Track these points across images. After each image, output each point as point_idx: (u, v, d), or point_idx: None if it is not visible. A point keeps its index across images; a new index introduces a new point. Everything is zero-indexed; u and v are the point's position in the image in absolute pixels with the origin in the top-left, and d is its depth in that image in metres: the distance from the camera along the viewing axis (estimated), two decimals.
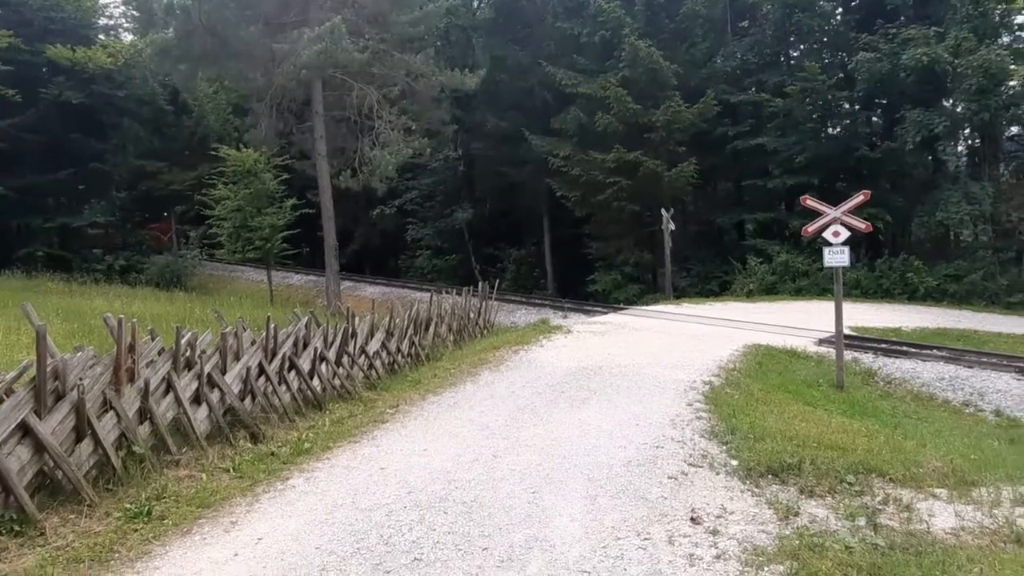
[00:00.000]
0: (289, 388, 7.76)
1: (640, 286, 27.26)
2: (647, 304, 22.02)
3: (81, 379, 5.16)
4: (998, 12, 22.65)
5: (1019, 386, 11.31)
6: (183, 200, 34.73)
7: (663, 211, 23.88)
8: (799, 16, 26.02)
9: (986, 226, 22.07)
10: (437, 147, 32.36)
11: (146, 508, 5.02)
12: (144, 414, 5.82)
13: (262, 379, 7.33)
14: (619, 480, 5.73)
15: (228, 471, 5.97)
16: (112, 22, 37.04)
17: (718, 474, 6.03)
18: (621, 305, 23.01)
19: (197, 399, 6.46)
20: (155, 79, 31.87)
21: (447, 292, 16.21)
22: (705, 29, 28.28)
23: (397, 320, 11.55)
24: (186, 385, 6.28)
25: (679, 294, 24.73)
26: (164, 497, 5.28)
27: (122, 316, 5.64)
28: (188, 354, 6.46)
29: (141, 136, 33.26)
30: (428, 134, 28.56)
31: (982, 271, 21.53)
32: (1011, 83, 23.41)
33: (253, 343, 7.44)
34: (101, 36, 32.72)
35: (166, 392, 6.15)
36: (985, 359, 12.72)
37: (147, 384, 5.73)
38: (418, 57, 24.58)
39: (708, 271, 27.71)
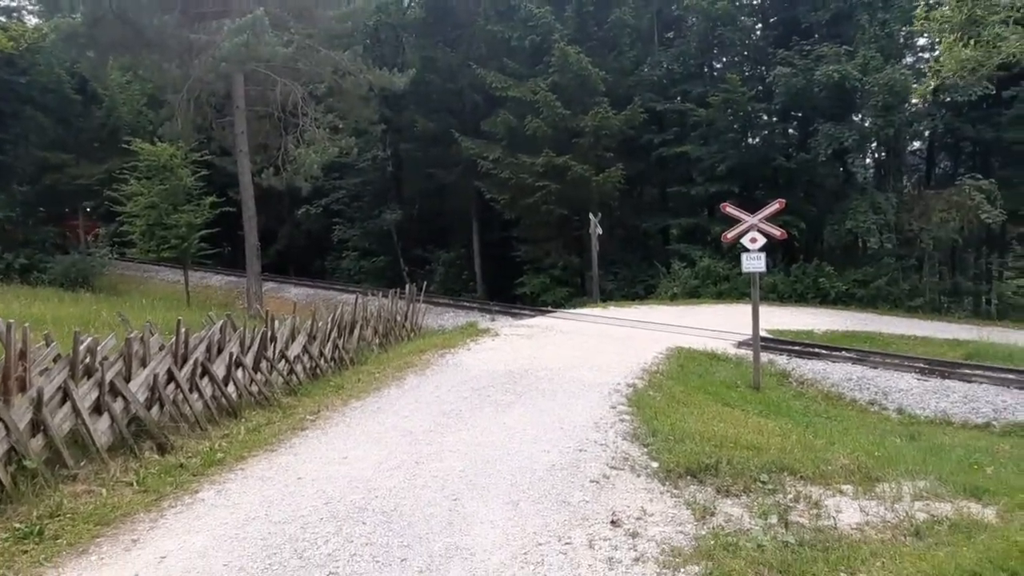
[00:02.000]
0: (202, 395, 7.40)
1: (568, 289, 27.55)
2: (575, 307, 22.25)
3: None
4: (902, 34, 24.11)
5: (919, 385, 11.99)
6: (92, 195, 32.81)
7: (591, 215, 24.21)
8: (721, 30, 26.93)
9: (891, 234, 23.39)
10: (365, 147, 31.85)
11: (38, 527, 4.67)
12: (37, 425, 5.41)
13: (171, 386, 6.95)
14: (542, 485, 5.73)
15: (131, 485, 5.64)
16: (14, 3, 34.65)
17: (639, 476, 6.11)
18: (549, 308, 23.17)
19: (98, 409, 6.06)
20: (61, 66, 30.02)
21: (373, 294, 15.91)
22: (633, 38, 28.88)
23: (320, 323, 11.22)
24: (85, 394, 5.88)
25: (606, 297, 25.12)
26: (59, 515, 4.94)
27: (12, 321, 5.23)
28: (88, 361, 6.06)
29: (45, 126, 31.20)
30: (356, 133, 28.05)
31: (887, 277, 22.78)
32: (913, 100, 24.96)
33: (162, 348, 7.05)
34: (1, 18, 30.61)
35: (63, 402, 5.74)
36: (889, 360, 13.43)
37: (40, 393, 5.34)
38: (346, 54, 24.07)
39: (634, 275, 28.27)
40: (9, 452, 5.13)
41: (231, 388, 7.98)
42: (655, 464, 6.39)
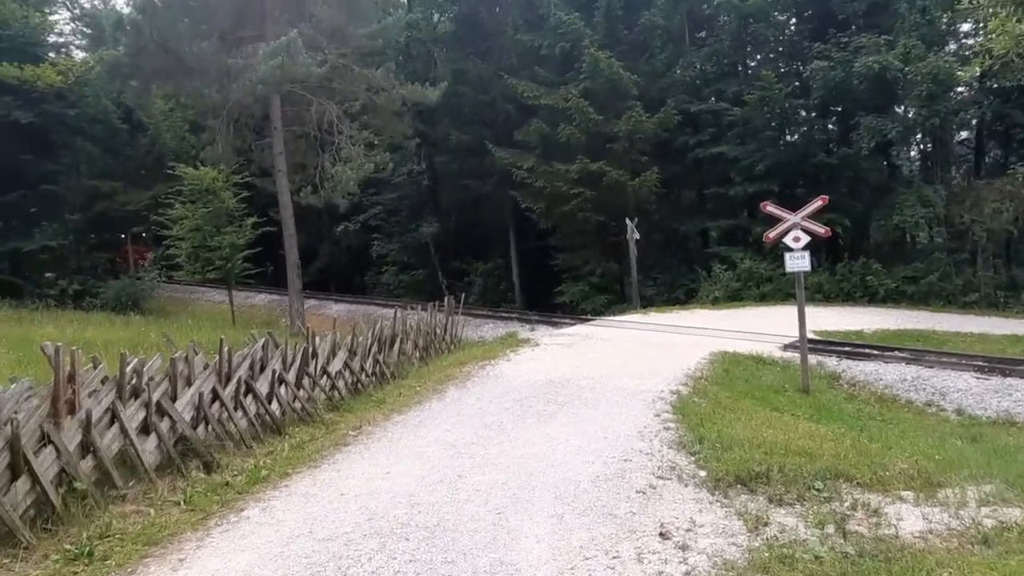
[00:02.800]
0: (246, 413, 7.48)
1: (607, 296, 27.29)
2: (614, 314, 22.03)
3: (16, 412, 4.87)
4: (944, 20, 23.34)
5: (978, 384, 11.49)
6: (140, 221, 33.94)
7: (628, 220, 23.98)
8: (754, 26, 26.49)
9: (941, 228, 22.58)
10: (400, 161, 32.21)
11: (87, 548, 4.74)
12: (87, 447, 5.52)
13: (216, 405, 7.04)
14: (587, 496, 5.61)
15: (179, 504, 5.70)
16: (62, 39, 36.13)
17: (686, 486, 5.94)
18: (588, 316, 22.99)
19: (145, 429, 6.17)
20: (108, 97, 31.11)
21: (412, 308, 15.98)
22: (663, 40, 28.61)
23: (360, 338, 11.30)
24: (132, 415, 5.99)
25: (646, 303, 24.81)
26: (108, 536, 5.00)
27: (60, 344, 5.35)
28: (134, 382, 6.17)
29: (94, 156, 32.38)
30: (391, 148, 28.36)
31: (938, 272, 21.98)
32: (961, 84, 24.14)
33: (206, 367, 7.15)
34: (51, 54, 31.86)
35: (111, 423, 5.85)
36: (945, 359, 12.92)
37: (89, 415, 5.44)
38: (379, 71, 24.39)
39: (674, 279, 27.87)
40: (60, 474, 5.23)
41: (274, 405, 8.06)
42: (703, 473, 6.21)
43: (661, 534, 4.83)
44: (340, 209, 25.90)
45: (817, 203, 10.78)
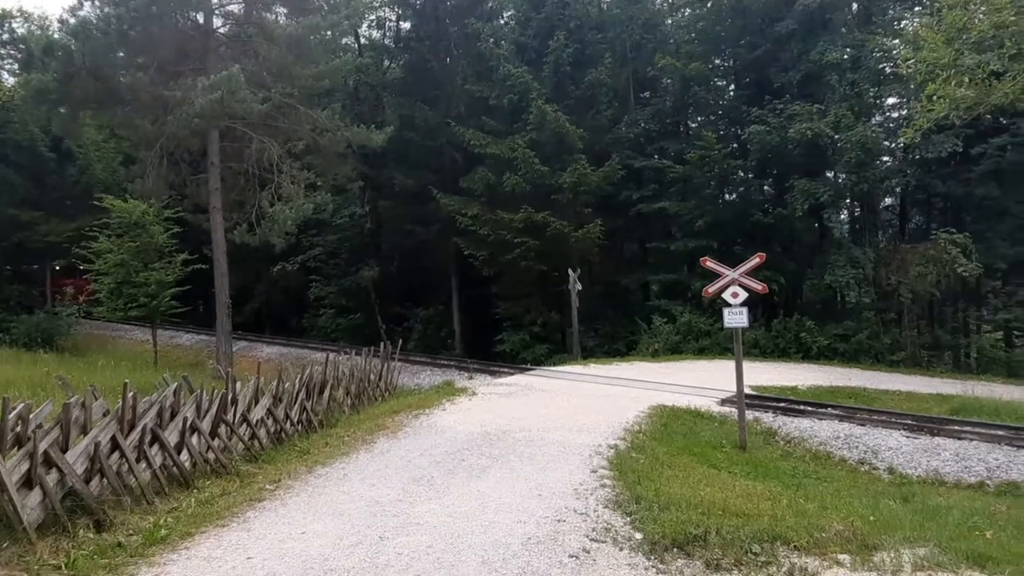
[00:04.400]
0: (150, 465, 6.83)
1: (548, 346, 27.13)
2: (555, 364, 21.83)
3: None
4: (871, 93, 24.75)
5: (908, 443, 11.65)
6: (61, 253, 32.20)
7: (570, 271, 24.05)
8: (696, 89, 27.52)
9: (869, 288, 23.44)
10: (343, 203, 31.77)
11: None
12: None
13: (115, 456, 6.40)
14: (516, 561, 5.25)
15: (60, 568, 5.07)
16: None
17: (622, 550, 5.66)
18: (529, 366, 22.70)
19: (28, 483, 5.50)
20: (36, 123, 29.82)
21: (347, 353, 15.40)
22: (610, 97, 29.39)
23: (287, 384, 10.70)
24: (13, 467, 5.33)
25: (587, 354, 24.74)
26: None
27: None
28: (19, 429, 5.53)
29: (15, 184, 30.81)
30: (334, 190, 27.98)
31: (867, 331, 22.71)
32: (884, 158, 25.48)
33: (106, 414, 6.52)
34: None
35: None
36: (876, 417, 13.12)
37: None
38: (324, 112, 24.12)
39: (615, 331, 27.98)
40: None
41: (184, 456, 7.42)
42: (639, 535, 5.94)
43: None
44: (277, 249, 25.12)
45: (755, 260, 10.90)
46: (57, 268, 35.03)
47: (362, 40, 37.41)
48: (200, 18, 22.85)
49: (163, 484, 6.94)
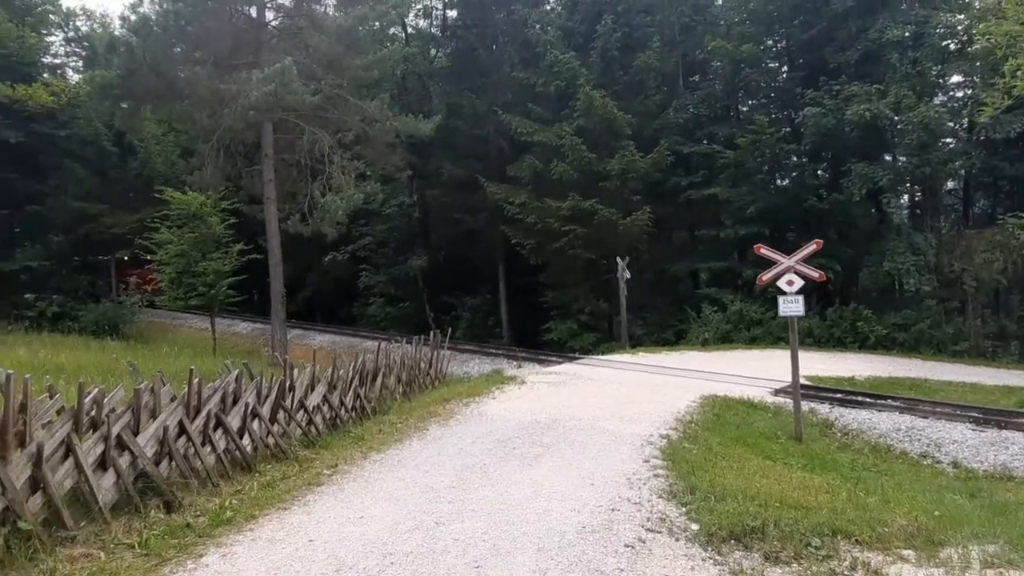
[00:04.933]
0: (214, 449, 7.07)
1: (596, 335, 27.01)
2: (603, 353, 21.73)
3: None
4: (934, 72, 23.73)
5: (974, 436, 11.24)
6: (125, 244, 33.43)
7: (618, 259, 23.85)
8: (747, 72, 26.84)
9: (931, 276, 22.58)
10: (391, 193, 32.10)
11: None
12: (36, 483, 5.12)
13: (182, 439, 6.64)
14: (572, 550, 5.26)
15: (133, 548, 5.27)
16: (57, 60, 36.13)
17: (678, 540, 5.61)
18: (576, 354, 22.67)
19: (103, 464, 5.75)
20: (100, 119, 30.95)
21: (397, 341, 15.63)
22: (658, 82, 28.93)
23: (341, 372, 10.92)
24: (89, 449, 5.59)
25: (635, 343, 24.54)
26: None
27: (11, 372, 4.99)
28: (94, 413, 5.78)
29: (82, 177, 32.12)
30: (382, 180, 28.30)
31: (929, 320, 21.93)
32: (947, 140, 24.44)
33: (173, 399, 6.77)
34: (46, 75, 31.78)
35: (65, 457, 5.45)
36: (939, 409, 12.69)
37: (40, 449, 5.05)
38: (373, 102, 24.39)
39: (664, 320, 27.68)
40: (4, 512, 4.82)
41: (246, 440, 7.66)
42: (695, 526, 5.88)
43: None
44: (328, 239, 25.62)
45: (812, 247, 10.62)
46: (123, 259, 36.43)
47: (409, 30, 37.60)
48: (253, 11, 23.33)
49: (227, 467, 7.17)
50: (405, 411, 11.66)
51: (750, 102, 30.35)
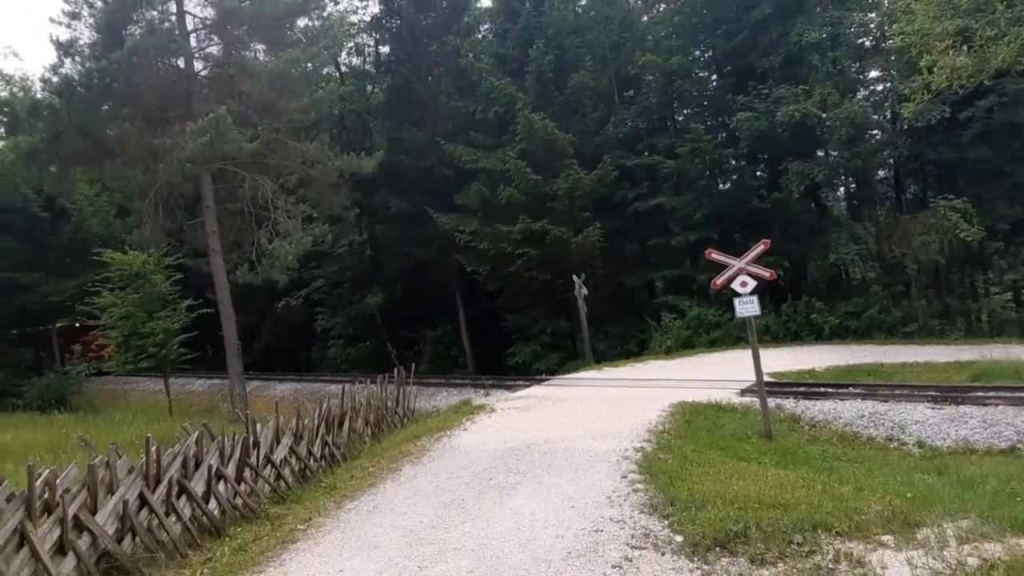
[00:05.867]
0: (180, 518, 6.78)
1: (560, 354, 27.03)
2: (569, 372, 21.74)
3: None
4: (854, 69, 24.76)
5: (935, 415, 11.56)
6: (64, 312, 32.19)
7: (574, 277, 24.00)
8: (679, 83, 27.52)
9: (874, 263, 23.31)
10: (340, 233, 31.76)
11: None
12: None
13: (144, 512, 6.35)
14: None
15: None
16: None
17: (664, 554, 5.60)
18: (543, 376, 22.61)
19: (61, 549, 5.47)
20: (27, 185, 29.93)
21: (361, 382, 15.33)
22: (595, 100, 29.42)
23: (306, 420, 10.64)
24: (45, 534, 5.30)
25: (599, 358, 24.63)
26: None
27: None
28: (47, 496, 5.49)
29: (12, 247, 30.85)
30: (330, 220, 27.98)
31: (877, 306, 22.58)
32: (873, 131, 25.44)
33: (131, 471, 6.48)
34: None
35: (20, 545, 5.15)
36: (898, 392, 13.02)
37: None
38: (313, 144, 24.15)
39: (625, 332, 27.87)
40: None
41: (212, 505, 7.37)
42: (679, 538, 5.88)
43: None
44: (280, 285, 25.10)
45: (760, 247, 10.87)
46: (69, 326, 35.11)
47: (343, 68, 37.59)
48: (181, 63, 22.92)
49: (195, 535, 6.89)
50: (376, 453, 11.42)
51: (685, 111, 31.09)
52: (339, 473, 10.21)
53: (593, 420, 11.77)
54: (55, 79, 21.22)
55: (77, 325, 32.85)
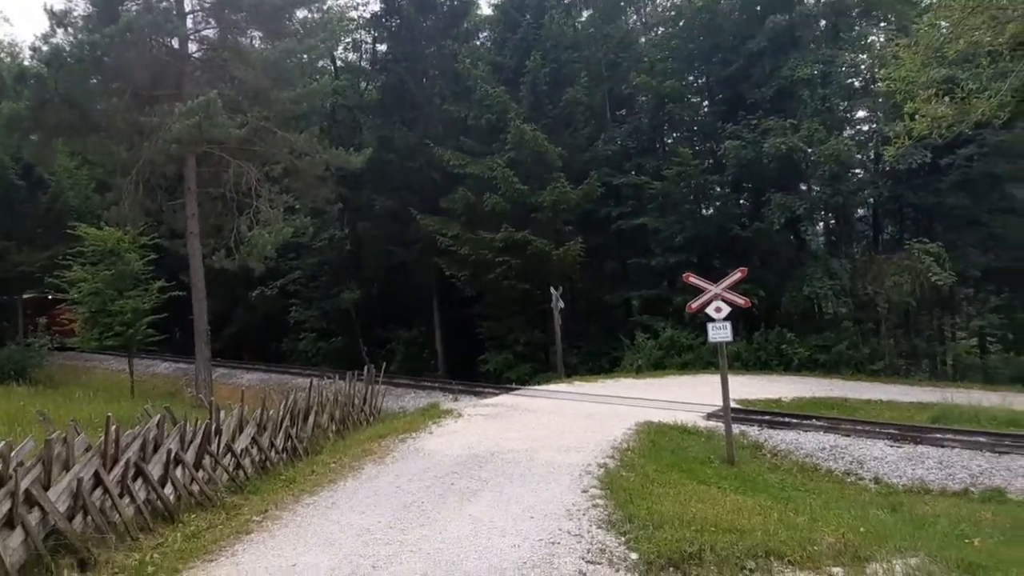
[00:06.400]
0: (134, 500, 6.68)
1: (532, 365, 27.08)
2: (539, 383, 21.78)
3: None
4: (842, 108, 25.27)
5: (893, 453, 11.76)
6: (33, 283, 31.54)
7: (552, 289, 24.09)
8: (671, 106, 27.88)
9: (847, 299, 23.74)
10: (322, 226, 31.57)
11: None
12: None
13: (98, 492, 6.25)
14: None
15: None
16: None
17: (618, 571, 5.64)
18: (513, 385, 22.64)
19: (10, 522, 5.35)
20: (5, 151, 29.32)
21: (330, 377, 15.23)
22: (587, 115, 29.66)
23: (271, 412, 10.55)
24: None
25: (571, 372, 24.70)
26: None
27: None
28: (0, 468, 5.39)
29: None
30: (312, 213, 27.79)
31: (847, 341, 22.96)
32: (856, 170, 25.94)
33: (88, 449, 6.37)
34: None
35: None
36: (860, 427, 13.23)
37: None
38: (302, 135, 24.04)
39: (598, 348, 28.01)
40: None
41: (168, 490, 7.27)
42: (634, 556, 5.92)
43: None
44: (256, 273, 24.86)
45: (737, 275, 11.01)
46: (29, 298, 34.38)
47: (339, 62, 37.47)
48: (175, 43, 22.72)
49: (147, 519, 6.79)
50: (339, 450, 11.34)
51: (675, 135, 31.47)
52: (300, 467, 10.12)
53: (559, 432, 11.80)
54: (45, 48, 20.94)
55: (47, 297, 32.23)
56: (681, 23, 29.37)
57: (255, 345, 38.87)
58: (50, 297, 29.06)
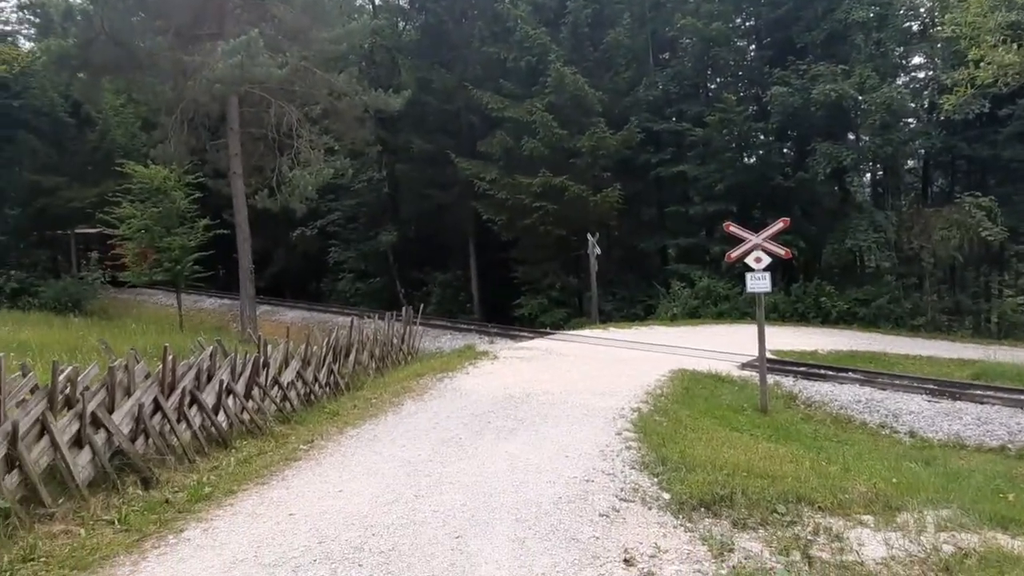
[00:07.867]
0: (190, 425, 7.06)
1: (566, 310, 27.25)
2: (573, 328, 21.95)
3: None
4: (897, 53, 24.14)
5: (930, 408, 11.70)
6: (84, 219, 32.51)
7: (589, 235, 24.01)
8: (716, 50, 26.97)
9: (891, 253, 23.21)
10: (360, 168, 31.72)
11: (8, 573, 4.32)
12: (12, 462, 5.08)
13: (157, 416, 6.62)
14: (549, 519, 5.41)
15: (113, 524, 5.28)
16: (8, 28, 34.64)
17: (651, 509, 5.80)
18: (547, 329, 22.87)
19: (79, 442, 5.73)
20: (55, 89, 29.88)
21: (369, 317, 15.59)
22: (628, 59, 28.90)
23: (315, 348, 10.90)
24: (64, 427, 5.55)
25: (605, 318, 24.83)
26: (33, 558, 4.58)
27: None
28: (68, 391, 5.74)
29: (38, 149, 31.01)
30: (351, 154, 27.93)
31: (888, 295, 22.57)
32: (908, 120, 24.96)
33: (147, 376, 6.73)
34: None
35: (41, 435, 5.42)
36: (897, 381, 13.15)
37: (15, 427, 5.01)
38: (341, 76, 23.95)
39: (633, 295, 28.00)
40: None
41: (221, 417, 7.65)
42: (667, 495, 6.08)
43: (626, 560, 4.67)
44: (297, 214, 25.29)
45: (779, 225, 10.86)
46: (81, 233, 35.49)
47: (377, 2, 36.90)
48: None
49: (203, 444, 7.18)
50: (379, 386, 11.70)
51: (719, 80, 30.52)
52: (342, 401, 10.50)
53: (593, 377, 11.98)
54: None
55: (99, 232, 33.30)
56: None
57: (296, 284, 39.73)
58: (99, 232, 29.97)
